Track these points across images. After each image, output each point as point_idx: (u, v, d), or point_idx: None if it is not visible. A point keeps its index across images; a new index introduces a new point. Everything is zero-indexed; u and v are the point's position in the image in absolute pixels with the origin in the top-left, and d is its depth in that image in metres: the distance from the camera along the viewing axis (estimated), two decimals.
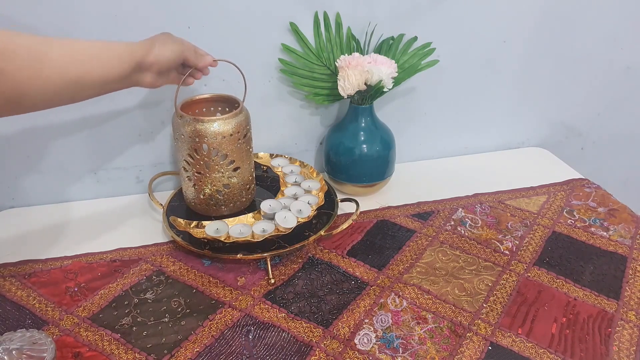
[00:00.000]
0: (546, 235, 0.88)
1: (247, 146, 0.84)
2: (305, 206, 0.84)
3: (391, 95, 1.02)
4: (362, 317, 0.72)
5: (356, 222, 0.90)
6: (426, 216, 0.93)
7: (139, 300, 0.74)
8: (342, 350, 0.67)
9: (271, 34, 0.91)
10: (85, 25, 0.82)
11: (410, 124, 1.08)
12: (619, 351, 0.67)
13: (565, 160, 1.13)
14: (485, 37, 1.02)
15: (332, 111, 1.02)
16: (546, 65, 1.09)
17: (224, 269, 0.80)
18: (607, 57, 1.12)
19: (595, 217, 0.93)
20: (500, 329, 0.70)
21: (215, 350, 0.67)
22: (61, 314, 0.72)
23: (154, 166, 0.98)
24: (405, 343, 0.68)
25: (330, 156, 0.96)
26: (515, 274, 0.80)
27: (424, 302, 0.74)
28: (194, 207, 0.87)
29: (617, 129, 1.23)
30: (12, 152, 0.90)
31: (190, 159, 0.81)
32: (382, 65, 0.86)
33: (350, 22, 0.93)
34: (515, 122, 1.16)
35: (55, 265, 0.80)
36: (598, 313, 0.73)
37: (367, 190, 0.97)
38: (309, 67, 0.94)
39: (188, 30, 0.87)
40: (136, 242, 0.85)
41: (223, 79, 0.92)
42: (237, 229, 0.80)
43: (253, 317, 0.71)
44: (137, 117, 0.92)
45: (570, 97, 1.15)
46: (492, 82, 1.08)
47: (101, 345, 0.67)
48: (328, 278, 0.78)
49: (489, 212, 0.94)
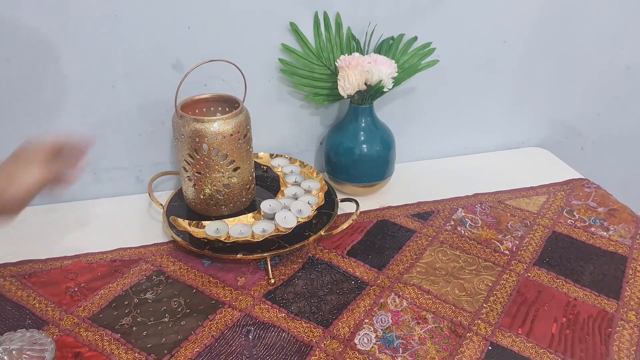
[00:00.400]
0: (546, 235, 0.88)
1: (247, 146, 0.84)
2: (305, 206, 0.84)
3: (391, 95, 1.02)
4: (362, 317, 0.72)
5: (356, 222, 0.90)
6: (426, 216, 0.93)
7: (139, 300, 0.74)
8: (342, 350, 0.67)
9: (271, 34, 0.91)
10: (85, 25, 0.83)
11: (410, 124, 1.08)
12: (619, 351, 0.67)
13: (565, 160, 1.13)
14: (485, 37, 1.02)
15: (332, 111, 1.02)
16: (546, 65, 1.09)
17: (224, 269, 0.80)
18: (607, 57, 1.12)
19: (595, 217, 0.93)
20: (500, 329, 0.70)
21: (215, 350, 0.67)
22: (61, 314, 0.72)
23: (154, 166, 0.98)
24: (405, 343, 0.68)
25: (330, 156, 0.96)
26: (515, 274, 0.80)
27: (424, 302, 0.74)
28: (194, 207, 0.87)
29: (617, 129, 1.23)
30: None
31: (191, 159, 0.81)
32: (382, 65, 0.86)
33: (350, 22, 0.93)
34: (515, 122, 1.16)
35: (55, 265, 0.80)
36: (598, 313, 0.73)
37: (367, 190, 0.97)
38: (309, 67, 0.94)
39: (188, 30, 0.87)
40: (136, 242, 0.85)
41: (223, 79, 0.92)
42: (237, 229, 0.80)
43: (253, 317, 0.71)
44: (137, 117, 0.92)
45: (570, 97, 1.15)
46: (492, 82, 1.08)
47: (101, 345, 0.67)
48: (328, 278, 0.78)
49: (489, 212, 0.94)
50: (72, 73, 0.86)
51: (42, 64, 0.84)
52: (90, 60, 0.86)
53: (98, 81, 0.88)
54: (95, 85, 0.88)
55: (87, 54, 0.85)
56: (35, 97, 0.86)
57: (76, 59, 0.85)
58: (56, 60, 0.84)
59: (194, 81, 0.88)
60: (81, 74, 0.86)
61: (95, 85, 0.88)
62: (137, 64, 0.88)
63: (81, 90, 0.88)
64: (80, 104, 0.89)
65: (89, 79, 0.87)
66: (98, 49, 0.85)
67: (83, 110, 0.89)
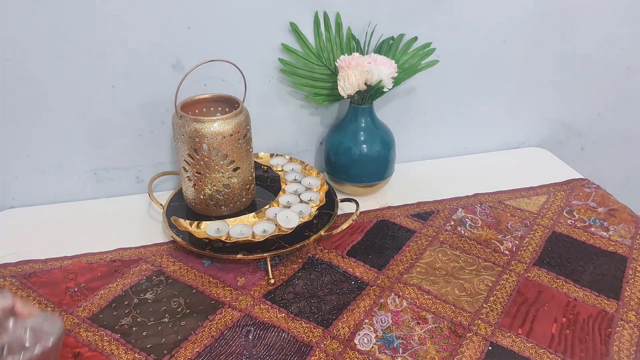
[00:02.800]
0: (546, 235, 0.88)
1: (247, 146, 0.84)
2: (305, 206, 0.84)
3: (391, 95, 1.02)
4: (362, 317, 0.72)
5: (356, 222, 0.90)
6: (426, 216, 0.93)
7: (139, 301, 0.74)
8: (342, 350, 0.67)
9: (271, 34, 0.91)
10: (85, 25, 0.83)
11: (410, 124, 1.08)
12: (619, 351, 0.67)
13: (565, 160, 1.13)
14: (485, 37, 1.02)
15: (332, 111, 1.02)
16: (546, 65, 1.09)
17: (224, 269, 0.80)
18: (607, 57, 1.12)
19: (595, 217, 0.93)
20: (500, 329, 0.70)
21: (215, 350, 0.67)
22: (61, 314, 0.72)
23: (154, 166, 0.98)
24: (405, 343, 0.68)
25: (330, 156, 0.96)
26: (515, 274, 0.80)
27: (424, 302, 0.74)
28: (194, 207, 0.87)
29: (617, 129, 1.23)
30: (12, 152, 0.90)
31: (190, 159, 0.81)
32: (382, 65, 0.86)
33: (350, 22, 0.93)
34: (515, 122, 1.16)
35: (55, 265, 0.80)
36: (598, 313, 0.73)
37: (367, 190, 0.97)
38: (309, 67, 0.94)
39: (188, 30, 0.87)
40: (136, 242, 0.85)
41: (223, 79, 0.92)
42: (238, 229, 0.80)
43: (253, 317, 0.71)
44: (137, 117, 0.92)
45: (570, 97, 1.15)
46: (492, 82, 1.08)
47: (101, 345, 0.67)
48: (328, 278, 0.78)
49: (489, 212, 0.94)
50: (72, 73, 0.86)
51: (42, 64, 0.84)
52: (90, 60, 0.86)
53: (98, 81, 0.88)
54: (95, 85, 0.88)
55: (87, 54, 0.85)
56: (36, 97, 0.86)
57: (76, 59, 0.85)
58: (56, 60, 0.84)
59: (194, 81, 0.88)
60: (81, 74, 0.86)
61: (95, 85, 0.88)
62: (137, 64, 0.88)
63: (81, 90, 0.88)
64: (80, 104, 0.89)
65: (89, 79, 0.87)
66: (98, 49, 0.85)
67: (83, 110, 0.89)
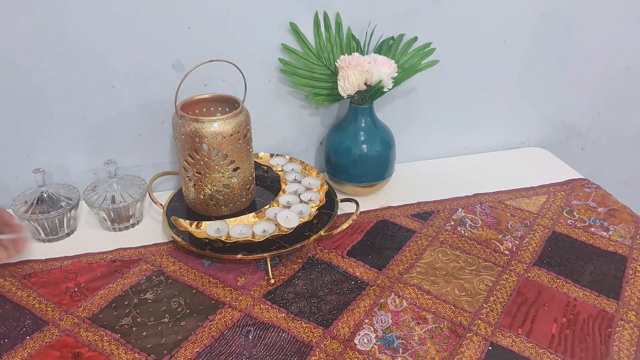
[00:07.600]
0: (546, 235, 0.88)
1: (247, 146, 0.84)
2: (305, 206, 0.84)
3: (391, 95, 1.02)
4: (362, 317, 0.72)
5: (356, 222, 0.90)
6: (426, 216, 0.93)
7: (138, 301, 0.74)
8: (342, 350, 0.67)
9: (271, 34, 0.91)
10: (85, 25, 0.83)
11: (410, 124, 1.08)
12: (619, 351, 0.67)
13: (565, 160, 1.13)
14: (485, 37, 1.02)
15: (332, 111, 1.02)
16: (546, 66, 1.09)
17: (224, 269, 0.80)
18: (607, 57, 1.12)
19: (595, 217, 0.93)
20: (500, 329, 0.70)
21: (215, 350, 0.67)
22: (61, 314, 0.72)
23: (154, 166, 0.98)
24: (405, 343, 0.68)
25: (330, 156, 0.96)
26: (515, 274, 0.80)
27: (424, 302, 0.74)
28: (194, 207, 0.87)
29: (617, 129, 1.23)
30: (12, 152, 0.90)
31: (191, 159, 0.81)
32: (382, 65, 0.86)
33: (350, 22, 0.93)
34: (515, 122, 1.16)
35: (55, 265, 0.80)
36: (598, 313, 0.73)
37: (367, 190, 0.97)
38: (309, 67, 0.94)
39: (188, 30, 0.87)
40: (136, 242, 0.85)
41: (223, 79, 0.92)
42: (238, 229, 0.80)
43: (253, 318, 0.71)
44: (137, 117, 0.92)
45: (570, 97, 1.15)
46: (492, 82, 1.08)
47: (101, 345, 0.67)
48: (328, 278, 0.78)
49: (489, 212, 0.94)
50: (72, 73, 0.86)
51: (42, 64, 0.84)
52: (90, 60, 0.86)
53: (98, 81, 0.88)
54: (95, 85, 0.88)
55: (87, 54, 0.85)
56: (36, 97, 0.86)
57: (76, 59, 0.85)
58: (56, 60, 0.84)
59: (194, 81, 0.88)
60: (81, 74, 0.86)
61: (95, 85, 0.88)
62: (137, 64, 0.88)
63: (81, 90, 0.88)
64: (80, 104, 0.89)
65: (89, 79, 0.87)
66: (98, 49, 0.85)
67: (83, 110, 0.89)
